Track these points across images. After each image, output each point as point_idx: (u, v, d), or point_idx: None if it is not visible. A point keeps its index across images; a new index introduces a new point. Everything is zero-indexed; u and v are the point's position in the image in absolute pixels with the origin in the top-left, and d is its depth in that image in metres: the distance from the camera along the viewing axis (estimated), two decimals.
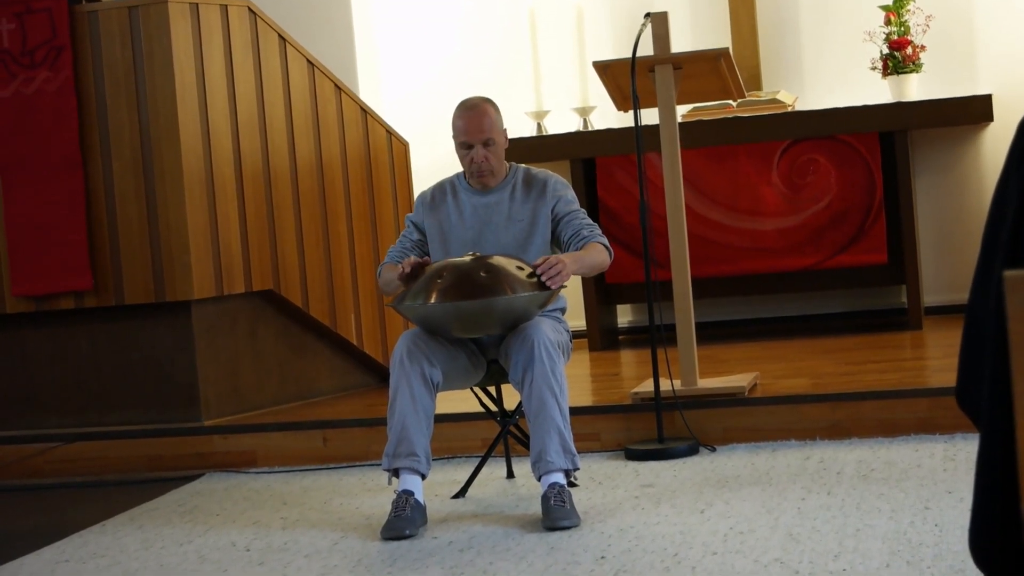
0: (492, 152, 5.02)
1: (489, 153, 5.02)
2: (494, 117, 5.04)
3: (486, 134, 5.00)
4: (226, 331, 6.48)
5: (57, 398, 6.53)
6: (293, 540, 4.78)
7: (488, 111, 5.03)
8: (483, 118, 5.00)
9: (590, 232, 4.98)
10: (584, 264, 4.91)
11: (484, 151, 5.01)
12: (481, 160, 5.01)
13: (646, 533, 4.43)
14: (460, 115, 5.04)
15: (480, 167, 5.03)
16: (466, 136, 5.00)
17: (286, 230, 6.63)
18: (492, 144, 5.01)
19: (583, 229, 4.98)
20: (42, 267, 6.38)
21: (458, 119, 5.03)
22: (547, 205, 5.04)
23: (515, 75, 8.29)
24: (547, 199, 5.04)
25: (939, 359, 6.54)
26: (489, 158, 5.02)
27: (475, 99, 5.10)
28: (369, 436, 6.00)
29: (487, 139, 5.00)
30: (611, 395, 6.25)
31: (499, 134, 5.05)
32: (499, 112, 5.10)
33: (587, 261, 4.92)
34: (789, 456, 5.37)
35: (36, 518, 5.61)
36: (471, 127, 5.00)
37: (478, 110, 5.02)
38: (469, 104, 5.07)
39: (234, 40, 6.46)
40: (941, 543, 4.02)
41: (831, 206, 7.55)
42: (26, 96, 6.36)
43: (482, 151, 5.00)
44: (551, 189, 5.06)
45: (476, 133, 4.99)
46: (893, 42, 7.63)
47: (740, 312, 8.25)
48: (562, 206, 5.03)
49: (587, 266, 4.94)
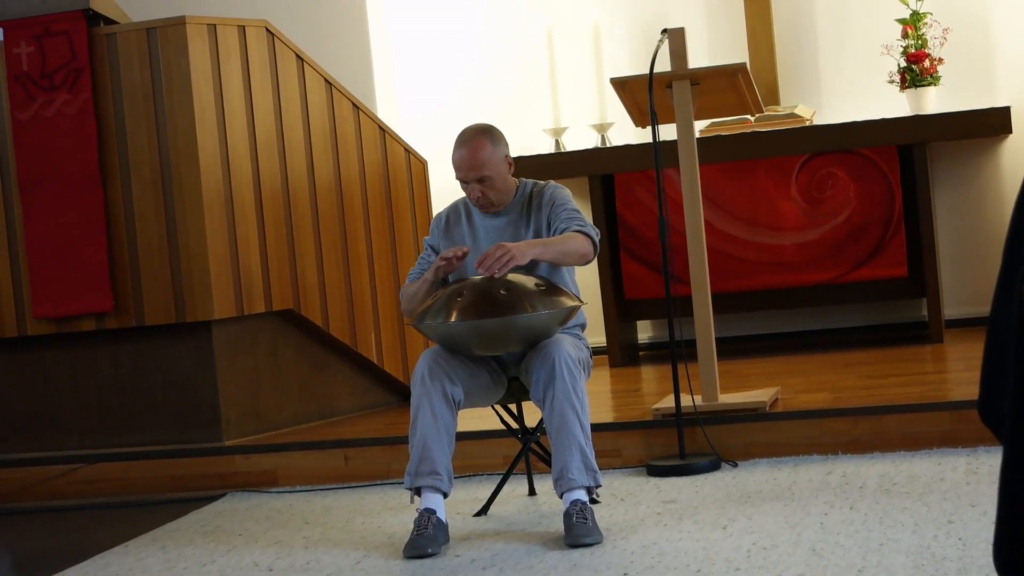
0: (488, 186, 4.99)
1: (485, 188, 4.99)
2: (489, 151, 4.96)
3: (479, 172, 4.95)
4: (246, 351, 6.49)
5: (78, 419, 6.55)
6: (315, 559, 4.78)
7: (482, 145, 4.95)
8: (476, 154, 4.94)
9: (569, 222, 4.93)
10: (552, 249, 4.81)
11: (479, 187, 4.98)
12: (477, 196, 5.00)
13: (669, 549, 4.42)
14: (455, 150, 4.99)
15: (478, 201, 5.02)
16: (460, 174, 4.99)
17: (305, 249, 6.64)
18: (487, 180, 4.98)
19: (563, 221, 4.94)
20: (63, 289, 6.40)
21: (454, 154, 4.99)
22: (545, 214, 5.04)
23: (533, 92, 8.30)
24: (544, 208, 5.04)
25: (960, 372, 6.53)
26: (486, 193, 5.00)
27: (471, 131, 5.02)
28: (390, 455, 6.01)
29: (480, 176, 4.97)
30: (632, 411, 6.24)
31: (494, 168, 4.97)
32: (497, 141, 5.01)
33: (555, 247, 4.82)
34: (811, 471, 5.36)
35: (58, 539, 5.62)
36: (464, 165, 4.96)
37: (471, 146, 4.96)
38: (464, 138, 5.00)
39: (252, 60, 6.48)
40: (965, 557, 4.00)
41: (850, 220, 7.54)
42: (46, 118, 6.38)
43: (477, 187, 4.98)
44: (547, 198, 5.05)
45: (468, 171, 4.96)
46: (911, 55, 7.62)
47: (760, 327, 8.24)
48: (555, 209, 5.01)
49: (556, 251, 4.83)
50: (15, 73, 6.41)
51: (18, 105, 6.41)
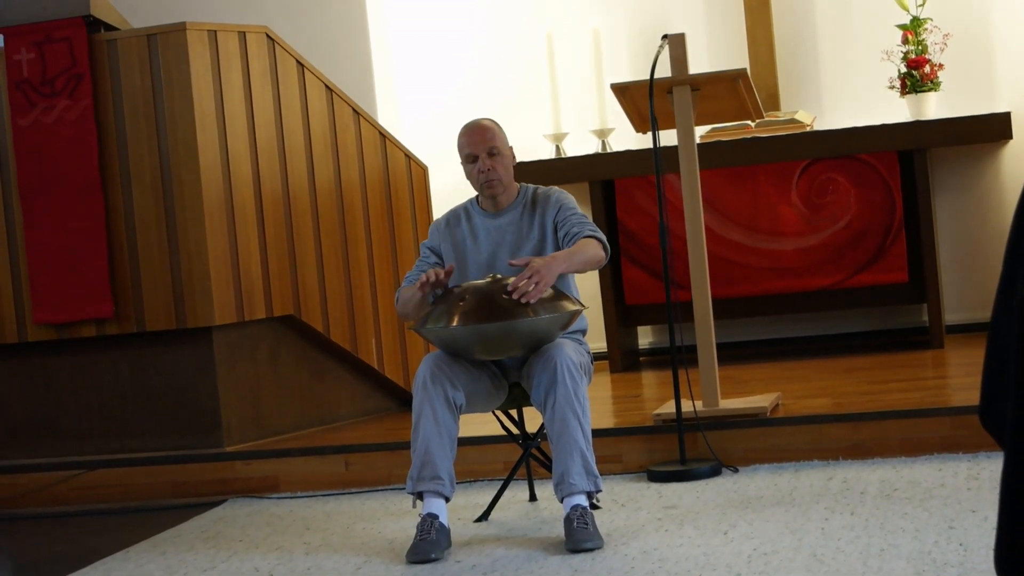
0: (497, 161, 5.02)
1: (494, 162, 5.02)
2: (496, 131, 5.06)
3: (488, 143, 5.01)
4: (247, 357, 6.49)
5: (79, 425, 6.55)
6: (316, 565, 4.78)
7: (490, 125, 5.07)
8: (485, 131, 5.04)
9: (581, 227, 4.95)
10: (575, 261, 4.84)
11: (489, 160, 5.01)
12: (487, 169, 5.01)
13: (669, 555, 4.42)
14: (462, 133, 5.09)
15: (488, 176, 5.02)
16: (470, 148, 5.02)
17: (306, 255, 6.64)
18: (496, 153, 5.02)
19: (575, 226, 4.96)
20: (64, 294, 6.40)
21: (461, 137, 5.08)
22: (550, 217, 5.04)
23: (533, 98, 8.31)
24: (549, 212, 5.05)
25: (961, 378, 6.53)
26: (495, 166, 5.02)
27: (478, 118, 5.15)
28: (391, 460, 6.00)
29: (490, 148, 5.01)
30: (633, 417, 6.24)
31: (503, 145, 5.05)
32: (502, 130, 5.12)
33: (577, 258, 4.85)
34: (812, 476, 5.36)
35: (59, 546, 5.62)
36: (474, 139, 5.02)
37: (479, 124, 5.07)
38: (472, 121, 5.11)
39: (252, 66, 6.48)
40: (966, 562, 4.00)
41: (851, 225, 7.54)
42: (46, 125, 6.39)
43: (487, 160, 5.01)
44: (553, 202, 5.07)
45: (479, 143, 5.01)
46: (911, 61, 7.63)
47: (761, 332, 8.24)
48: (561, 213, 5.03)
49: (578, 262, 4.85)
50: (16, 79, 6.41)
51: (19, 111, 6.41)
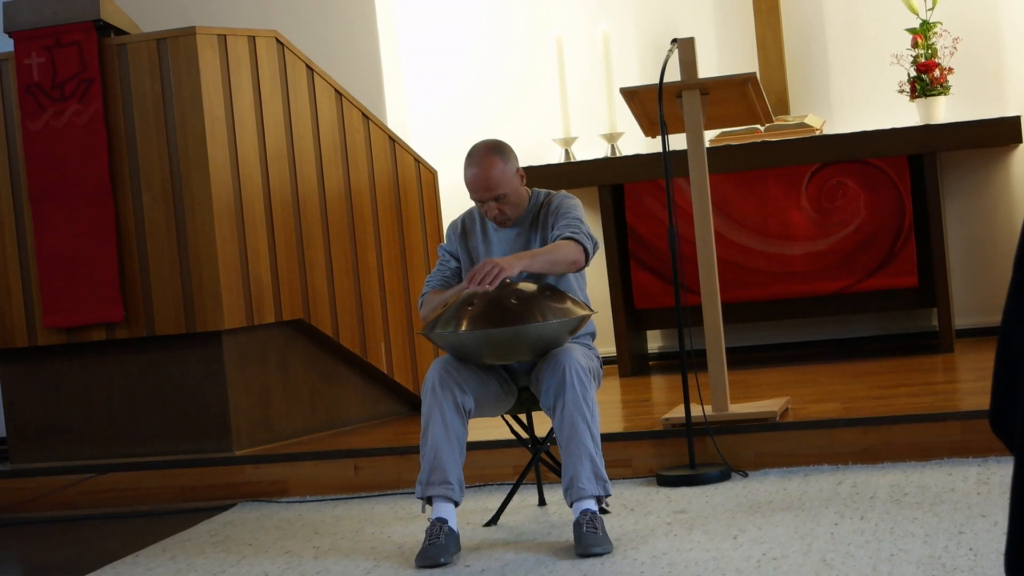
0: (504, 203, 4.98)
1: (501, 206, 4.98)
2: (501, 168, 4.94)
3: (494, 191, 4.95)
4: (257, 361, 6.49)
5: (89, 429, 6.56)
6: (325, 569, 4.78)
7: (493, 164, 4.94)
8: (489, 173, 4.93)
9: (564, 229, 4.92)
10: (539, 259, 4.79)
11: (496, 205, 4.99)
12: (495, 214, 5.00)
13: (679, 560, 4.42)
14: (467, 171, 4.97)
15: (495, 219, 5.02)
16: (475, 195, 4.98)
17: (316, 260, 6.64)
18: (503, 197, 4.97)
19: (560, 228, 4.93)
20: (74, 299, 6.41)
21: (466, 174, 4.97)
22: (551, 223, 5.03)
23: (542, 102, 8.31)
24: (551, 218, 5.04)
25: (971, 382, 6.52)
26: (503, 210, 5.00)
27: (480, 150, 4.99)
28: (400, 464, 6.01)
29: (496, 195, 4.97)
30: (642, 421, 6.24)
31: (508, 184, 4.96)
32: (508, 157, 4.99)
33: (543, 258, 4.80)
34: (821, 481, 5.35)
35: (69, 550, 5.62)
36: (478, 186, 4.94)
37: (483, 166, 4.94)
38: (474, 159, 4.97)
39: (262, 70, 6.49)
40: (976, 568, 4.00)
41: (860, 230, 7.53)
42: (56, 129, 6.40)
43: (494, 206, 4.99)
44: (554, 208, 5.05)
45: (484, 192, 4.95)
46: (920, 65, 7.62)
47: (770, 337, 8.23)
48: (557, 217, 5.01)
49: (544, 261, 4.80)
50: (26, 83, 6.42)
51: (29, 116, 6.43)
